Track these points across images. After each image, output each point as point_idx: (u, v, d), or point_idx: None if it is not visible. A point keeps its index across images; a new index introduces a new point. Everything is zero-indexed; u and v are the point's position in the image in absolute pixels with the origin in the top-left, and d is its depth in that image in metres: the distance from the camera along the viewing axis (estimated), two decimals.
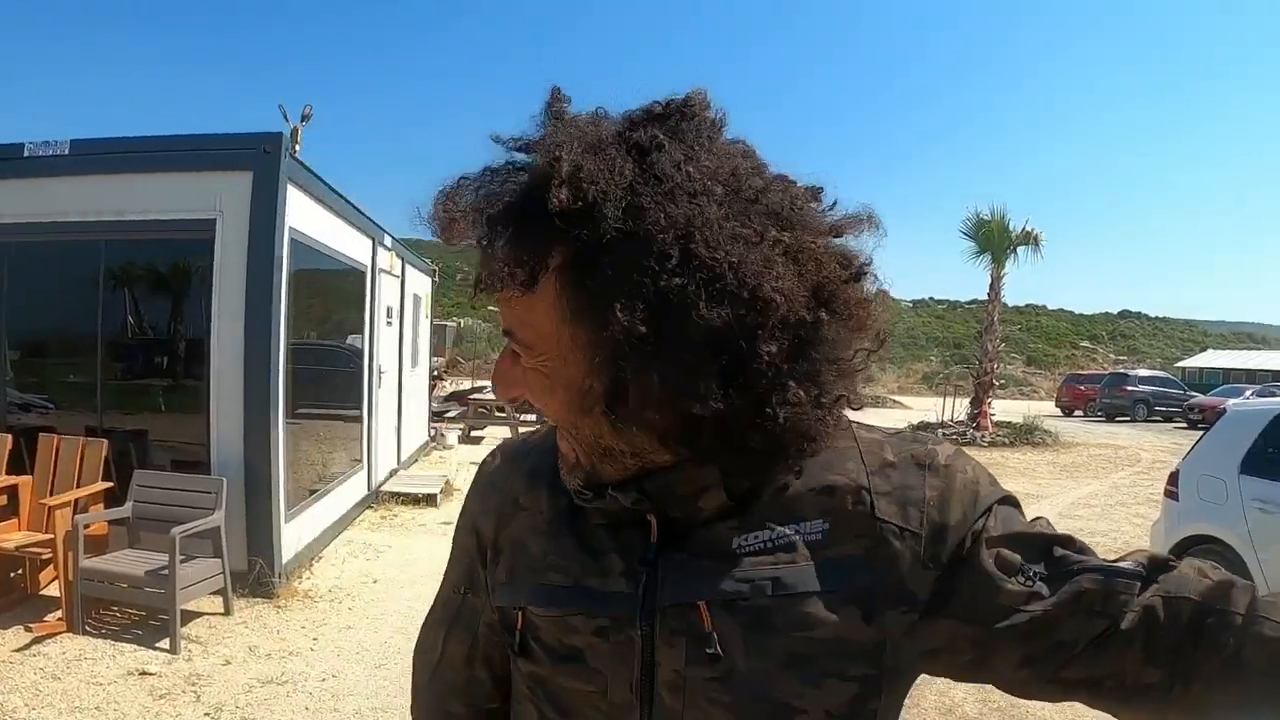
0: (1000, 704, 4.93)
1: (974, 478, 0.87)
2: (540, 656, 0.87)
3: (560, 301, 0.75)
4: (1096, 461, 17.99)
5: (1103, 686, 0.81)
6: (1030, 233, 21.66)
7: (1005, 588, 0.81)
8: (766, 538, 0.82)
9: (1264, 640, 0.76)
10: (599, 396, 0.77)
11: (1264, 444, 5.74)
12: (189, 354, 6.65)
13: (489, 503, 0.98)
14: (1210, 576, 0.82)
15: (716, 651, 0.79)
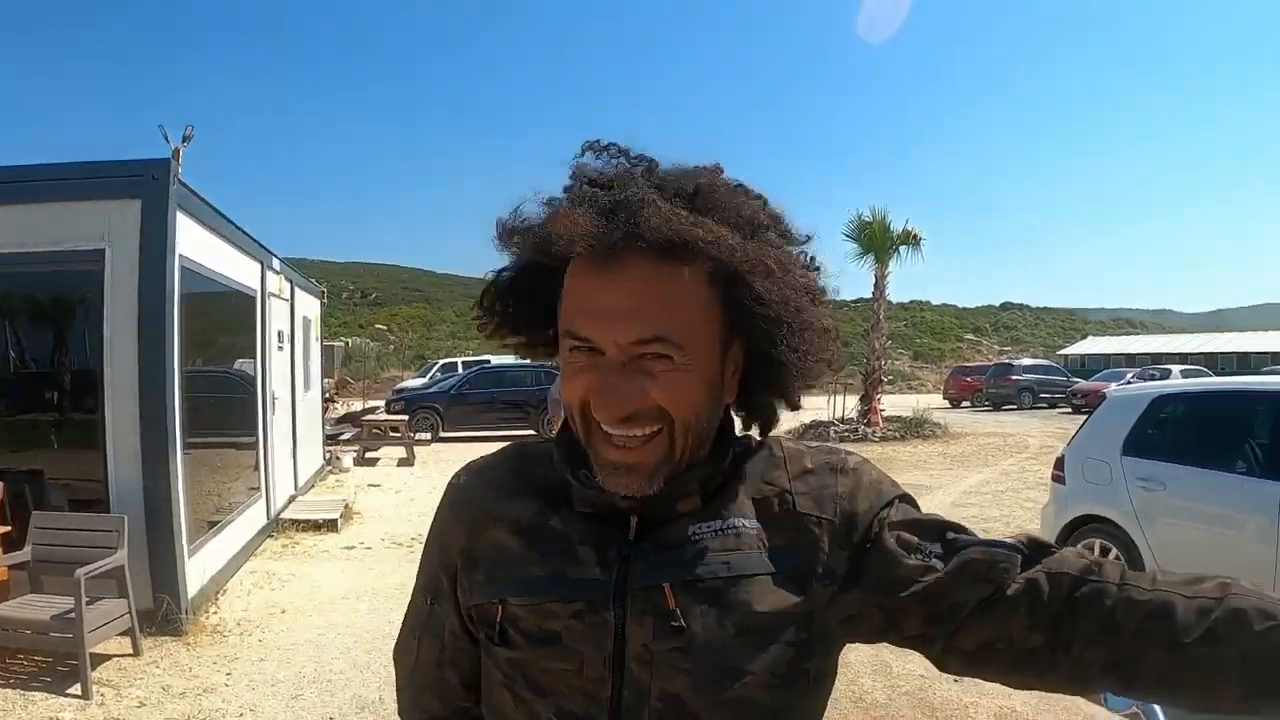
0: (908, 689, 5.16)
1: (878, 478, 1.05)
2: (519, 642, 0.96)
3: (709, 308, 0.93)
4: (986, 450, 18.65)
5: (995, 651, 0.94)
6: (911, 232, 22.27)
7: (905, 563, 0.96)
8: (718, 528, 0.97)
9: (1134, 603, 0.89)
10: (731, 388, 1.00)
11: (1144, 426, 6.12)
12: (82, 388, 6.40)
13: (461, 517, 1.06)
14: (1086, 557, 0.96)
15: (681, 625, 0.92)
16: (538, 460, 1.08)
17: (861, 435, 20.98)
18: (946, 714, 4.81)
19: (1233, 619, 0.85)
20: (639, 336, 0.89)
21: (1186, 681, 0.87)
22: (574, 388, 0.94)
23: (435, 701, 1.11)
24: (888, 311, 24.03)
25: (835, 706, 4.92)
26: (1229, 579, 0.90)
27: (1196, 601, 0.87)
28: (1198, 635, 0.86)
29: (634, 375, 0.90)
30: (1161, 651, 0.87)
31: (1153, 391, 6.43)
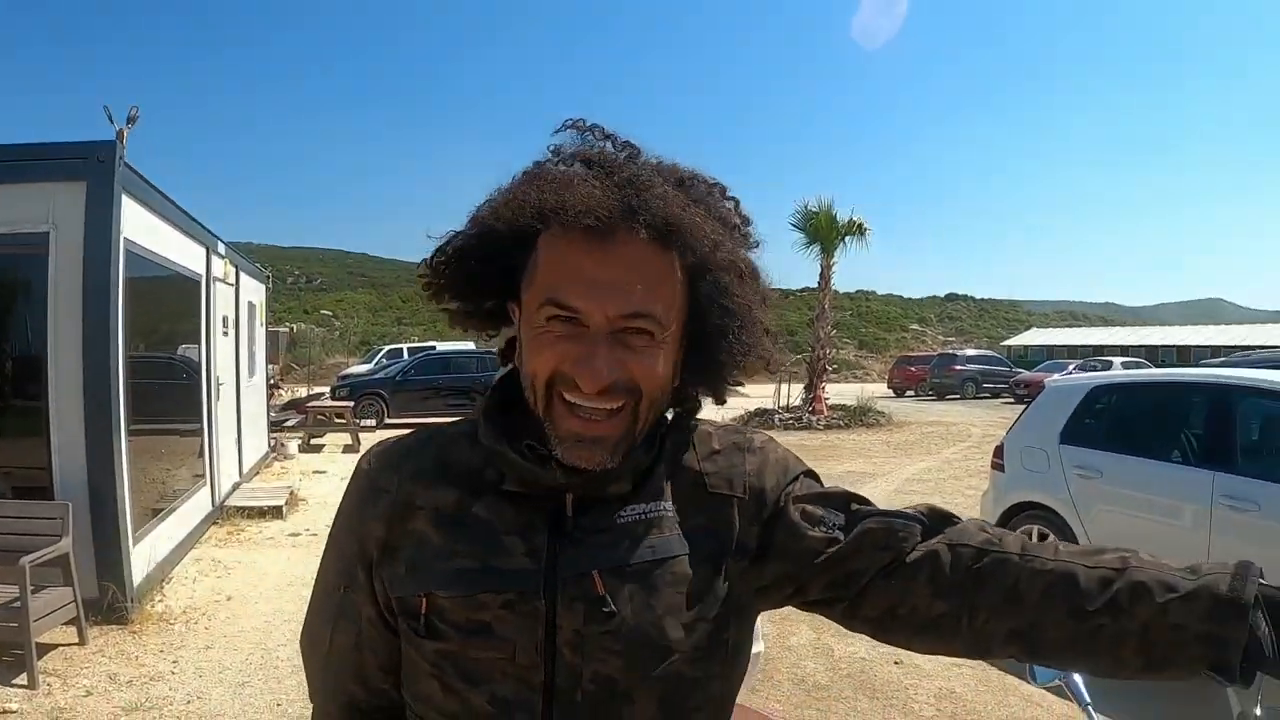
0: (849, 672, 5.29)
1: (784, 455, 1.10)
2: (448, 634, 0.96)
3: (682, 294, 0.97)
4: (929, 439, 18.96)
5: (898, 617, 0.99)
6: (856, 223, 22.52)
7: (810, 535, 1.02)
8: (642, 512, 1.00)
9: (1036, 574, 0.94)
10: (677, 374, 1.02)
11: (1081, 415, 6.29)
12: (24, 373, 6.28)
13: (378, 506, 1.03)
14: (987, 530, 1.01)
15: (611, 609, 0.94)
16: (454, 442, 1.06)
17: (806, 423, 21.16)
18: (887, 695, 4.93)
19: (1135, 590, 0.90)
20: (632, 310, 0.92)
21: (1089, 649, 0.93)
22: (549, 358, 0.94)
23: (354, 685, 1.09)
24: (833, 301, 24.28)
25: (778, 688, 5.05)
26: (1129, 551, 0.95)
27: (1098, 572, 0.93)
28: (1100, 605, 0.91)
29: (616, 347, 0.92)
30: (1064, 620, 0.92)
31: (1090, 382, 6.59)
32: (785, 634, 5.85)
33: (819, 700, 4.91)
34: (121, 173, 6.03)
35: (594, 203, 0.90)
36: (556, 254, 0.94)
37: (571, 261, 0.92)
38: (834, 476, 13.27)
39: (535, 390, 0.96)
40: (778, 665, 5.40)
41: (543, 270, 0.95)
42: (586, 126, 1.02)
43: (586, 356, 0.91)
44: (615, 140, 1.01)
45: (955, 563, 0.98)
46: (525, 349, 0.98)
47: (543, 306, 0.93)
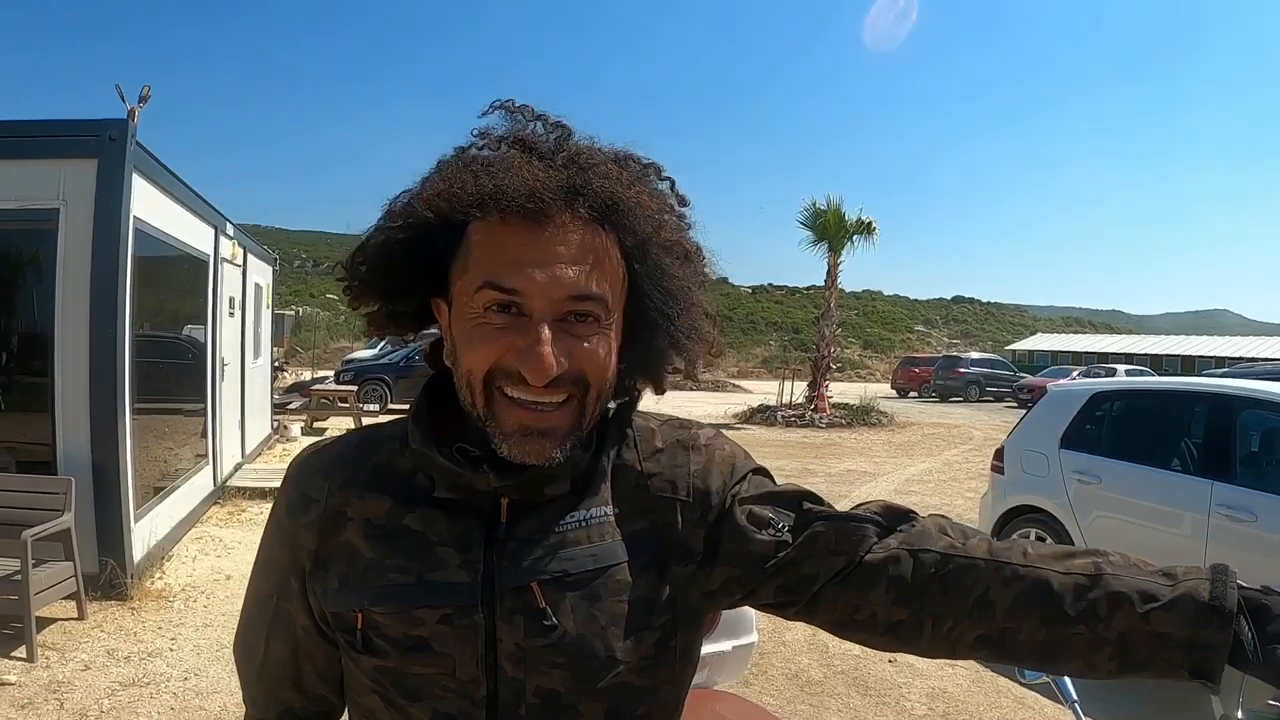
0: (843, 668, 5.32)
1: (731, 453, 1.05)
2: (386, 650, 0.93)
3: (622, 273, 0.94)
4: (930, 440, 18.97)
5: (857, 622, 0.96)
6: (865, 222, 22.48)
7: (756, 538, 0.97)
8: (580, 518, 0.96)
9: (1005, 581, 0.91)
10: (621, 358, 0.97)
11: (1082, 420, 6.29)
12: (31, 349, 6.30)
13: (308, 516, 1.00)
14: (949, 532, 0.97)
15: (553, 622, 0.91)
16: (385, 447, 1.02)
17: (808, 421, 21.19)
18: (880, 693, 4.96)
19: (1112, 600, 0.88)
20: (577, 291, 0.87)
21: (1062, 655, 0.91)
22: (487, 351, 0.88)
23: (291, 693, 1.06)
24: (839, 300, 24.24)
25: (772, 682, 5.08)
26: (1099, 553, 0.93)
27: (1071, 578, 0.90)
28: (1075, 614, 0.89)
29: (561, 336, 0.88)
30: (1037, 628, 0.90)
31: (1092, 387, 6.61)
32: (780, 629, 5.87)
33: (812, 696, 4.94)
34: (132, 151, 6.05)
35: (537, 185, 0.86)
36: (492, 238, 0.89)
37: (510, 245, 0.87)
38: (835, 474, 13.51)
39: (472, 388, 0.91)
40: (772, 660, 5.43)
41: (477, 257, 0.89)
42: (515, 107, 0.97)
43: (530, 346, 0.86)
44: (546, 120, 0.96)
45: (917, 569, 0.94)
46: (459, 345, 0.92)
47: (479, 291, 0.88)
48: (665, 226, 0.96)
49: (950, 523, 1.00)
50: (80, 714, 4.27)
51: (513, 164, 0.89)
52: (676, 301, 0.97)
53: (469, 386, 0.91)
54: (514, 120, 0.96)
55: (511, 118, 0.96)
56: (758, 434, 19.29)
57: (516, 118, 0.96)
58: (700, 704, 2.43)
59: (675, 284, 0.96)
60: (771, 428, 20.89)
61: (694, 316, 0.99)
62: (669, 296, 0.96)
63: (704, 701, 2.47)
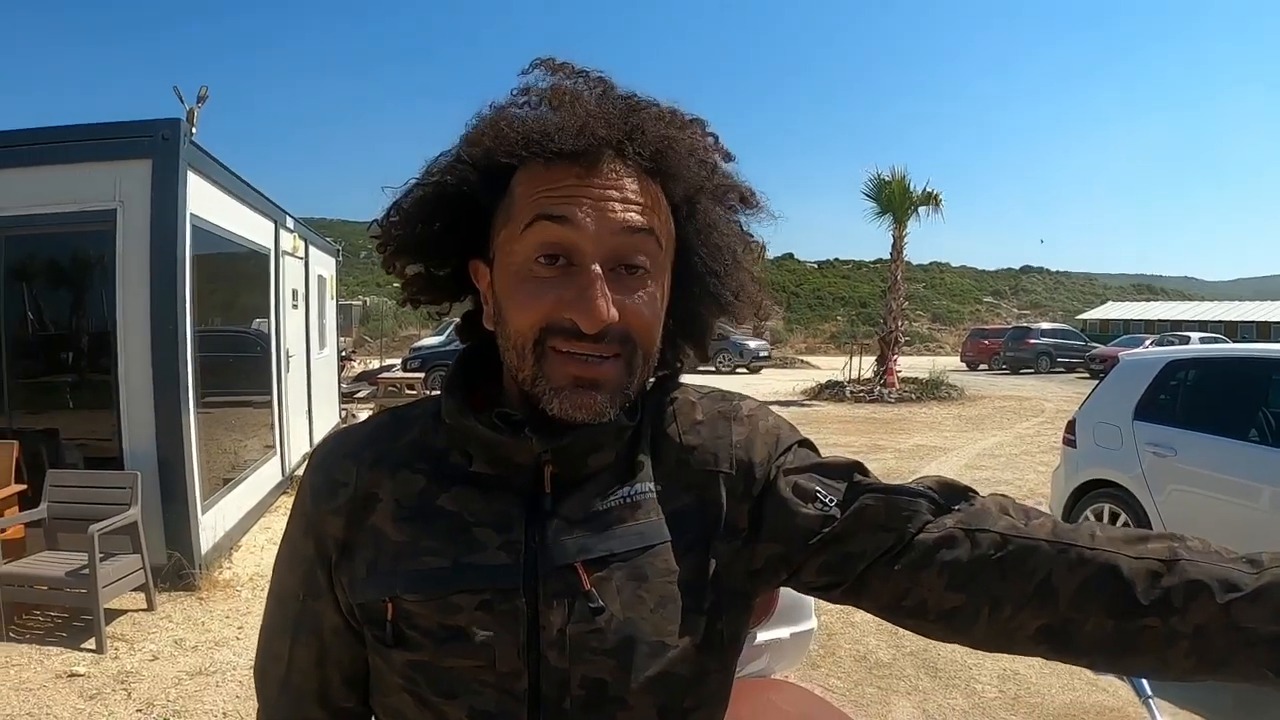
0: (912, 649, 5.20)
1: (775, 424, 0.99)
2: (420, 643, 0.87)
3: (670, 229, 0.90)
4: (1001, 413, 18.58)
5: (906, 608, 0.89)
6: (931, 193, 22.03)
7: (802, 512, 0.91)
8: (625, 494, 0.91)
9: (1071, 566, 0.83)
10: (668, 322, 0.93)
11: (1156, 391, 6.05)
12: (96, 348, 6.46)
13: (335, 501, 0.93)
14: (1010, 512, 0.89)
15: (599, 605, 0.85)
16: (416, 424, 0.97)
17: (877, 396, 20.97)
18: (949, 675, 4.85)
19: (1190, 588, 0.79)
20: (630, 225, 0.84)
21: (1132, 650, 0.82)
22: (538, 306, 0.84)
23: (315, 708, 0.98)
24: (906, 273, 23.87)
25: (840, 664, 5.01)
26: (1176, 537, 0.84)
27: (1143, 564, 0.82)
28: (1147, 603, 0.80)
29: (612, 287, 0.83)
30: (1104, 619, 0.82)
31: (1165, 356, 6.36)
32: (849, 610, 5.72)
33: (880, 678, 4.85)
34: (187, 150, 6.13)
35: (590, 121, 0.83)
36: (538, 179, 0.85)
37: (559, 182, 0.84)
38: (905, 450, 13.37)
39: (521, 348, 0.86)
40: (839, 642, 5.35)
41: (522, 201, 0.85)
42: (556, 65, 0.91)
43: (582, 292, 0.82)
44: (589, 77, 0.91)
45: (974, 550, 0.86)
46: (504, 303, 0.88)
47: (528, 229, 0.84)
48: (717, 173, 0.92)
49: (1013, 503, 0.92)
50: (148, 703, 4.36)
51: (564, 102, 0.86)
52: (724, 257, 0.93)
53: (517, 348, 0.86)
54: (555, 79, 0.91)
55: (554, 75, 0.91)
56: (827, 410, 19.12)
57: (558, 76, 0.91)
58: (758, 693, 2.38)
59: (724, 239, 0.93)
60: (840, 403, 20.70)
61: (741, 276, 0.96)
62: (717, 251, 0.93)
63: (761, 690, 2.42)
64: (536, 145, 0.83)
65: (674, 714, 0.89)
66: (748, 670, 2.85)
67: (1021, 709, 4.44)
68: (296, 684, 0.98)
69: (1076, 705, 4.46)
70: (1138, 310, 59.41)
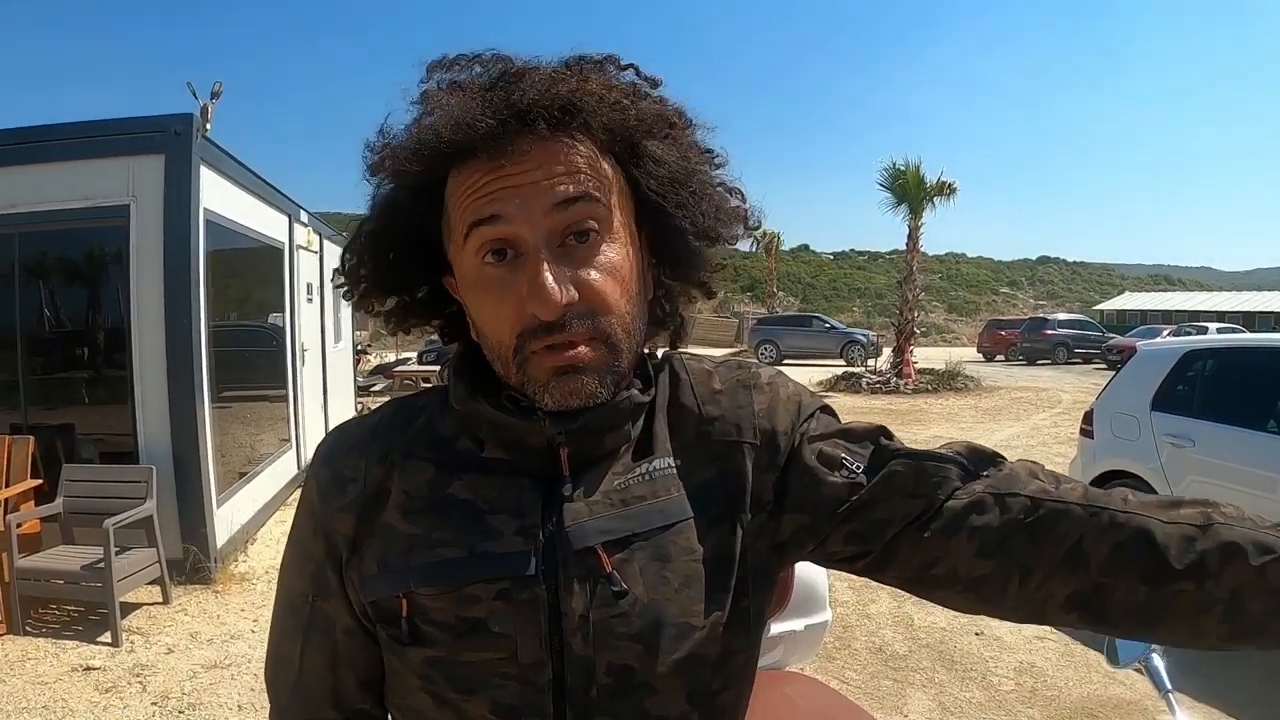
0: (928, 642, 5.18)
1: (796, 391, 0.96)
2: (437, 638, 0.84)
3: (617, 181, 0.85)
4: (1018, 404, 18.45)
5: (935, 576, 0.86)
6: (946, 183, 21.86)
7: (828, 480, 0.88)
8: (644, 471, 0.88)
9: (1103, 529, 0.81)
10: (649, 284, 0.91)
11: (1173, 381, 5.98)
12: (110, 343, 6.50)
13: (343, 498, 0.90)
14: (1040, 477, 0.87)
15: (621, 588, 0.83)
16: (423, 413, 0.94)
17: (893, 387, 20.86)
18: (966, 667, 4.81)
19: (1226, 552, 0.77)
20: (560, 197, 0.80)
21: (1165, 617, 0.80)
22: (505, 315, 0.82)
23: (330, 711, 0.95)
24: (922, 263, 23.73)
25: (855, 656, 4.98)
26: (1209, 503, 0.82)
27: (1177, 528, 0.79)
28: (1181, 568, 0.78)
29: (563, 264, 0.80)
30: (1138, 584, 0.79)
31: (1183, 346, 6.29)
32: (865, 602, 5.76)
33: (896, 670, 4.82)
34: (199, 145, 6.14)
35: (463, 115, 0.79)
36: (463, 189, 0.82)
37: (479, 184, 0.81)
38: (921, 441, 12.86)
39: (505, 359, 0.84)
40: (855, 633, 5.32)
41: (454, 212, 0.84)
42: (449, 61, 0.87)
43: (532, 281, 0.79)
44: (482, 60, 0.86)
45: (1004, 515, 0.83)
46: (476, 316, 0.86)
47: (468, 239, 0.82)
48: (633, 112, 0.85)
49: (1042, 468, 0.89)
50: (162, 696, 4.38)
51: (439, 104, 0.83)
52: (683, 185, 0.87)
53: (501, 359, 0.84)
54: (452, 73, 0.87)
55: (449, 70, 0.87)
56: (843, 401, 19.04)
57: (454, 69, 0.87)
58: (771, 686, 2.36)
59: (673, 167, 0.87)
60: (857, 395, 20.62)
61: (713, 197, 0.90)
62: (672, 184, 0.87)
63: (775, 683, 2.40)
64: (426, 154, 0.81)
65: (702, 696, 0.87)
66: (761, 663, 2.84)
67: (1039, 702, 4.40)
68: (309, 687, 0.95)
69: (1094, 698, 4.42)
70: (1155, 300, 59.07)
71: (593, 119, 0.82)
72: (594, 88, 0.82)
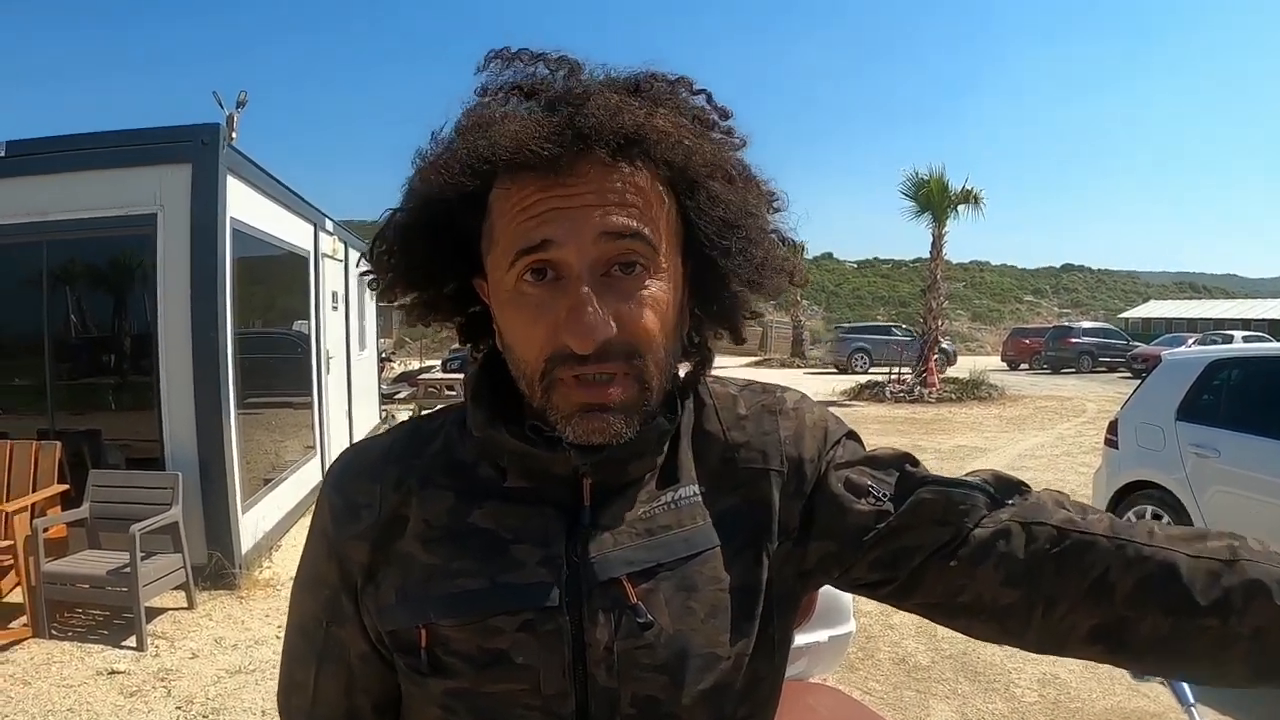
0: (951, 653, 5.13)
1: (822, 417, 0.95)
2: (459, 669, 0.82)
3: (670, 215, 0.82)
4: (1042, 413, 18.30)
5: (960, 605, 0.85)
6: (970, 191, 21.74)
7: (855, 508, 0.87)
8: (669, 500, 0.87)
9: (1129, 562, 0.80)
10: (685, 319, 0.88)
11: (1199, 391, 5.92)
12: (137, 350, 6.58)
13: (357, 525, 0.88)
14: (1067, 507, 0.86)
15: (647, 620, 0.81)
16: (437, 435, 0.92)
17: (917, 396, 20.74)
18: (989, 678, 4.77)
19: (1250, 589, 0.76)
20: (609, 228, 0.76)
21: (1188, 653, 0.79)
22: (537, 336, 0.79)
23: None
24: (946, 272, 23.60)
25: (879, 667, 4.95)
26: (1236, 536, 0.81)
27: (1203, 563, 0.78)
28: (1206, 603, 0.77)
29: (604, 294, 0.77)
30: (1162, 618, 0.78)
31: (1208, 356, 6.23)
32: (888, 612, 5.72)
33: (919, 681, 4.79)
34: (226, 154, 6.22)
35: (525, 135, 0.75)
36: (510, 202, 0.79)
37: (529, 203, 0.77)
38: (945, 451, 13.20)
39: (530, 379, 0.81)
40: (879, 644, 5.29)
41: (500, 226, 0.80)
42: (511, 55, 0.85)
43: (572, 311, 0.76)
44: (548, 60, 0.84)
45: (1030, 545, 0.83)
46: (504, 329, 0.83)
47: (514, 265, 0.78)
48: (699, 151, 0.81)
49: (1068, 498, 0.89)
50: (187, 700, 4.41)
51: (495, 118, 0.79)
52: (737, 231, 0.84)
53: (526, 378, 0.81)
54: (513, 69, 0.85)
55: (511, 66, 0.85)
56: (866, 411, 18.95)
57: (515, 65, 0.85)
58: (794, 696, 2.36)
59: (731, 211, 0.83)
60: (880, 404, 20.51)
61: (765, 245, 0.87)
62: (726, 227, 0.83)
63: (798, 694, 2.40)
64: (483, 167, 0.78)
65: None
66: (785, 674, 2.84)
67: (1062, 714, 4.36)
68: (324, 715, 0.94)
69: (1117, 710, 4.37)
70: (1180, 308, 58.55)
71: (655, 151, 0.79)
72: (662, 122, 0.79)
